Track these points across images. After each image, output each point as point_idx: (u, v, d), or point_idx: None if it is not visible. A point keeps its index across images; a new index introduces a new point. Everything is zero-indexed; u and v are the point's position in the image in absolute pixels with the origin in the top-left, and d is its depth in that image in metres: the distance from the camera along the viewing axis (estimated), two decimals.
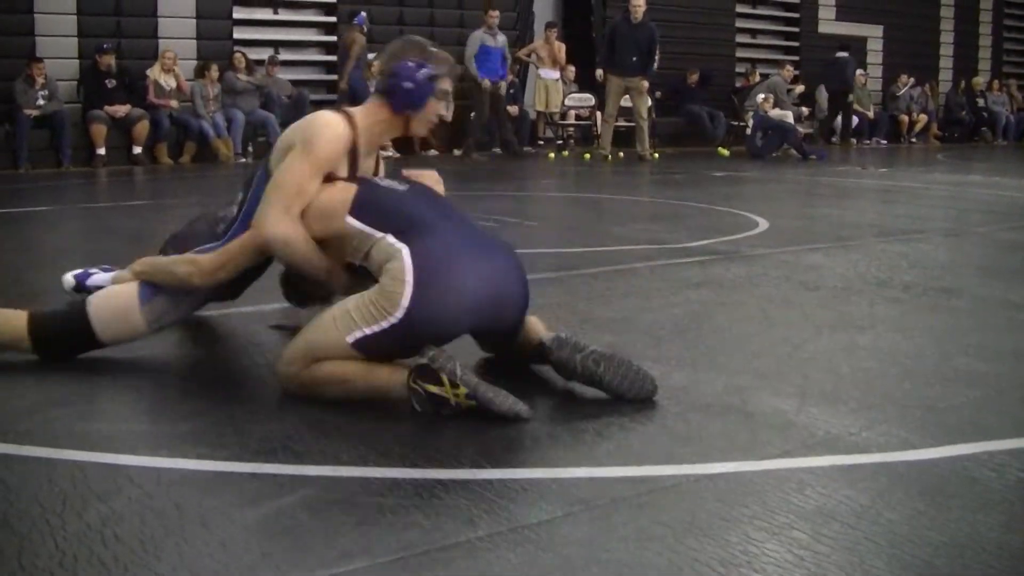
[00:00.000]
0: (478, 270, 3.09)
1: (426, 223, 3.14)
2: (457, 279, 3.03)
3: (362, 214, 3.18)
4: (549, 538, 2.18)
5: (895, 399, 3.21)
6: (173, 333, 3.87)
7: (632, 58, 13.87)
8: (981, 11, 23.57)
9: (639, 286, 5.06)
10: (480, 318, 3.13)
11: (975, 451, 2.74)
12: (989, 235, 7.19)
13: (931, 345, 3.96)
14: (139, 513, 2.28)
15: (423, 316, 2.98)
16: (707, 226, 7.47)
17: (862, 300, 4.73)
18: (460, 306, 3.04)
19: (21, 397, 3.15)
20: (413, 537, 2.17)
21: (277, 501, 2.35)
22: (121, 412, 3.10)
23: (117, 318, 3.44)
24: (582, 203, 9.76)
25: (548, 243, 6.65)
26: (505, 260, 3.23)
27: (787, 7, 20.48)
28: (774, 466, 2.63)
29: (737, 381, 3.37)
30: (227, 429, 2.86)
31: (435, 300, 2.99)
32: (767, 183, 11.61)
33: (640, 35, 13.87)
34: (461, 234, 3.19)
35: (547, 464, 2.63)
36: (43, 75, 12.17)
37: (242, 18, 14.53)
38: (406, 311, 2.96)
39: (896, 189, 10.88)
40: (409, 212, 3.19)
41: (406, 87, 3.35)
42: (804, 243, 6.57)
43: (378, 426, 2.90)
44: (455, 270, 3.04)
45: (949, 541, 2.19)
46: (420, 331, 3.00)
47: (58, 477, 2.50)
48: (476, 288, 3.06)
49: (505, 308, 3.19)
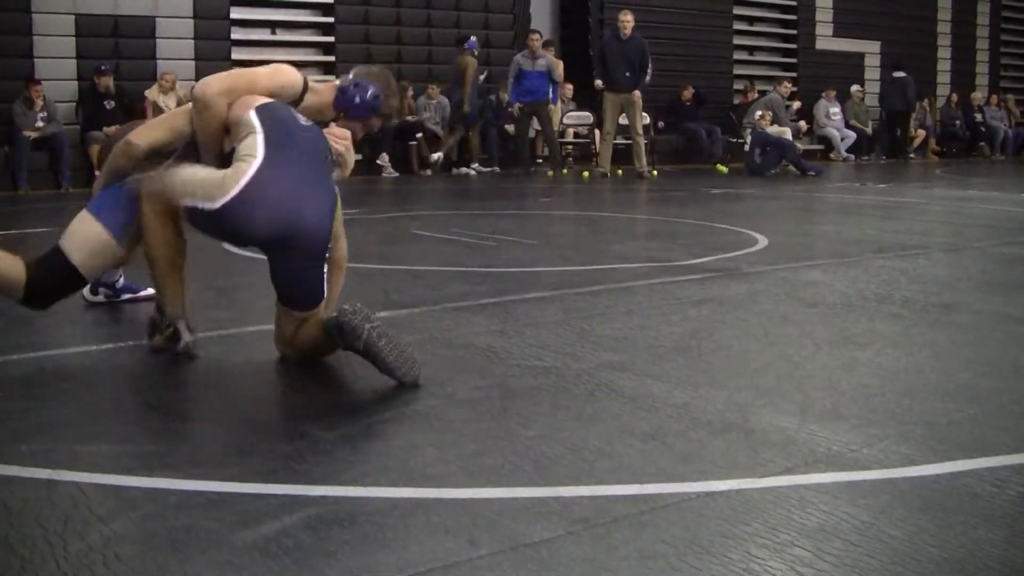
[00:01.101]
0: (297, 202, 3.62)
1: (285, 155, 3.66)
2: (275, 201, 3.57)
3: (261, 115, 3.73)
4: (551, 557, 2.18)
5: (896, 415, 3.21)
6: (171, 352, 3.88)
7: (625, 73, 13.99)
8: (978, 26, 23.66)
9: (639, 304, 5.06)
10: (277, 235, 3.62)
11: (976, 467, 2.74)
12: (988, 250, 7.19)
13: (931, 361, 3.96)
14: (140, 534, 2.28)
15: (237, 212, 3.55)
16: (706, 243, 7.48)
17: (862, 316, 4.73)
18: (267, 218, 3.57)
19: (22, 419, 3.15)
20: (414, 556, 2.17)
21: (278, 521, 2.35)
22: (122, 434, 3.10)
23: (95, 254, 3.89)
24: (581, 221, 9.77)
25: (547, 261, 6.66)
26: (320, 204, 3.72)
27: (784, 24, 20.55)
28: (775, 483, 2.63)
29: (738, 398, 3.37)
30: (228, 450, 2.86)
31: (249, 208, 3.55)
32: (766, 200, 11.63)
33: (630, 50, 13.98)
34: (301, 173, 3.69)
35: (548, 483, 2.63)
36: (41, 97, 12.22)
37: (240, 39, 14.58)
38: (224, 204, 3.53)
39: (895, 205, 10.90)
40: (287, 140, 3.70)
41: (355, 100, 4.03)
42: (803, 260, 6.57)
43: (378, 445, 2.91)
44: (277, 199, 3.58)
45: (951, 557, 2.19)
46: (225, 227, 3.65)
47: (59, 498, 2.49)
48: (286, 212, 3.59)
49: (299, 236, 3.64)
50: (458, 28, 16.37)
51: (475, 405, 3.32)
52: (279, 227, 3.60)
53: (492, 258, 6.73)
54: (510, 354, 3.95)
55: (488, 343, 4.13)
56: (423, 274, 6.04)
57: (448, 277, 5.93)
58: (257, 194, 3.55)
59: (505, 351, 3.99)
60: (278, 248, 3.70)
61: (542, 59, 14.59)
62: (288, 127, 3.77)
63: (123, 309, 4.74)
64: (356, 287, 5.69)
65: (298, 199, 3.63)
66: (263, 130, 3.69)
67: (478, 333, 4.32)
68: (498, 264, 6.43)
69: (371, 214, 9.81)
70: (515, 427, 3.06)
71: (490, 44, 16.68)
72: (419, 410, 3.25)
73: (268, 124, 3.72)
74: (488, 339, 4.20)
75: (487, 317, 4.64)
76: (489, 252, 7.01)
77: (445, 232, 8.14)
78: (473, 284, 5.56)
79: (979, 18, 23.66)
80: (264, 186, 3.57)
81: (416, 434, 2.98)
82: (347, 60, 15.24)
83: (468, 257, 6.85)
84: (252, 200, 3.55)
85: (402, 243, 7.67)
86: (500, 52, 16.62)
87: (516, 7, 16.95)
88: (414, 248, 7.42)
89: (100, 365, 3.90)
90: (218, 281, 5.46)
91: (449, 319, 4.59)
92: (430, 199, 12.14)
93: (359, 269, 6.37)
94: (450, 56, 16.01)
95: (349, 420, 3.15)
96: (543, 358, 3.88)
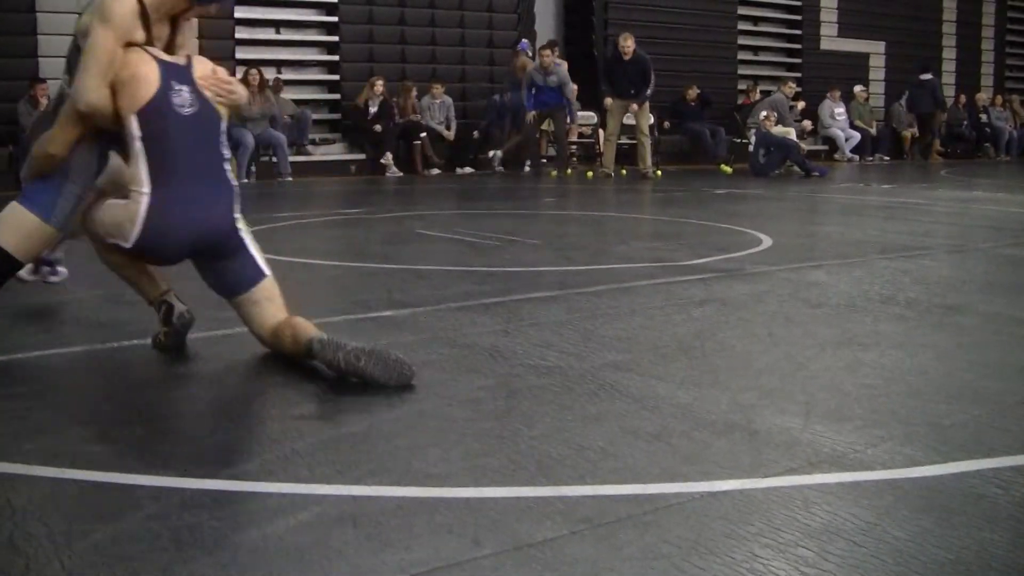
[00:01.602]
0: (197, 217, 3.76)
1: (176, 167, 3.73)
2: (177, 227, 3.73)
3: (143, 122, 3.71)
4: (554, 557, 2.18)
5: (900, 416, 3.20)
6: (178, 353, 3.89)
7: (630, 90, 14.31)
8: (983, 27, 23.66)
9: (642, 304, 5.06)
10: (194, 249, 3.83)
11: (981, 468, 2.74)
12: (993, 251, 7.18)
13: (935, 362, 3.96)
14: (144, 533, 2.28)
15: (148, 246, 3.76)
16: (710, 244, 7.48)
17: (866, 317, 4.73)
18: (176, 244, 3.78)
19: (27, 417, 3.15)
20: (417, 556, 2.17)
21: (282, 521, 2.35)
22: (127, 432, 3.10)
23: (27, 237, 3.93)
24: (585, 221, 9.77)
25: (551, 261, 6.66)
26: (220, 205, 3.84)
27: (789, 24, 20.55)
28: (779, 484, 2.62)
29: (742, 399, 3.37)
30: (232, 449, 2.87)
31: (157, 240, 3.74)
32: (770, 200, 11.62)
33: (632, 71, 14.28)
34: (197, 178, 3.78)
35: (551, 482, 2.62)
36: (46, 96, 12.20)
37: (244, 38, 14.59)
38: (135, 243, 3.73)
39: (899, 206, 10.89)
40: (173, 147, 3.73)
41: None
42: (807, 260, 6.57)
43: (382, 444, 2.91)
44: (179, 224, 3.73)
45: (955, 558, 2.19)
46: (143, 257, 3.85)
47: (64, 497, 2.50)
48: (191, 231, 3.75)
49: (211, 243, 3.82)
50: (462, 28, 16.40)
51: (478, 405, 3.32)
52: (191, 243, 3.79)
53: (496, 258, 6.73)
54: (514, 354, 3.95)
55: (492, 343, 4.13)
56: (427, 273, 6.05)
57: (452, 277, 5.94)
58: (158, 227, 3.71)
59: (509, 351, 4.00)
60: (200, 255, 3.88)
61: (553, 76, 14.68)
62: (168, 127, 3.74)
63: (127, 308, 4.73)
64: (360, 286, 5.71)
65: (199, 211, 3.76)
66: (144, 147, 3.71)
67: (482, 333, 4.32)
68: (502, 264, 6.43)
69: (375, 213, 9.81)
70: (519, 427, 3.06)
71: (494, 44, 16.71)
72: (422, 410, 3.25)
73: (148, 137, 3.71)
74: (492, 339, 4.20)
75: (491, 317, 4.64)
76: (493, 252, 7.01)
77: (449, 232, 8.14)
78: (477, 284, 5.56)
79: (984, 19, 23.67)
80: (162, 216, 3.70)
81: (419, 434, 2.98)
82: (351, 60, 15.31)
83: (472, 257, 6.85)
84: (155, 234, 3.72)
85: (406, 242, 7.67)
86: (504, 52, 16.63)
87: (520, 7, 16.97)
88: (418, 248, 7.42)
89: (105, 364, 3.91)
90: None
91: (452, 319, 4.59)
92: (434, 199, 12.15)
93: (363, 268, 6.38)
94: (454, 56, 16.05)
95: (352, 419, 3.15)
96: (547, 358, 3.88)
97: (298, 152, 14.60)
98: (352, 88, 15.06)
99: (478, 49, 16.56)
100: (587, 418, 3.17)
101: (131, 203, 3.72)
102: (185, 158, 3.76)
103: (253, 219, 9.22)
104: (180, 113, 3.76)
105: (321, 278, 6.11)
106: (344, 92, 15.27)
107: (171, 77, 3.78)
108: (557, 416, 3.20)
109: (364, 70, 15.09)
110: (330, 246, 7.70)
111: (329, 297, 5.46)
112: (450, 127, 15.39)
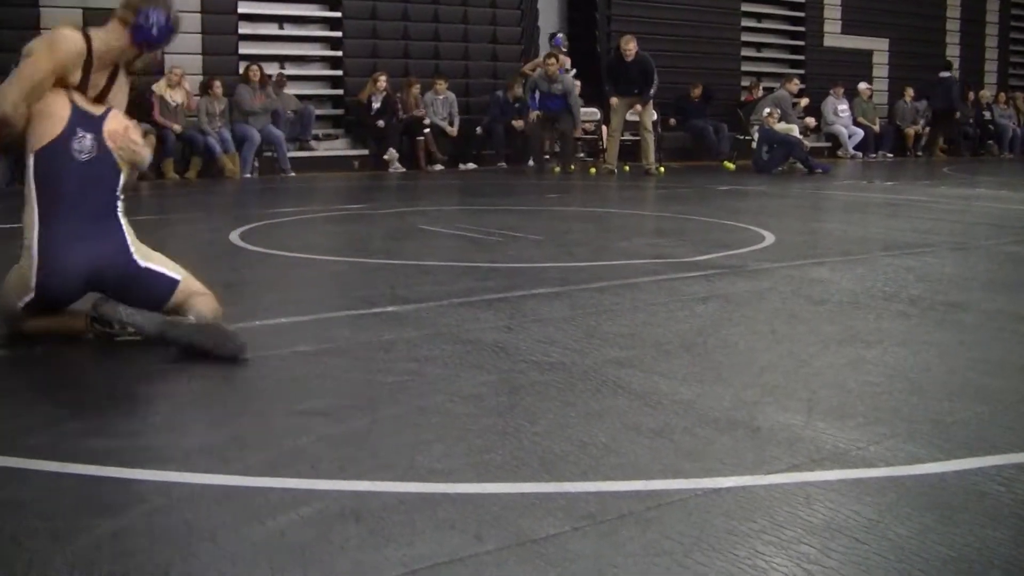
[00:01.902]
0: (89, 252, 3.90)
1: (63, 207, 3.89)
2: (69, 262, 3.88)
3: (39, 161, 3.90)
4: (557, 553, 2.18)
5: (902, 413, 3.20)
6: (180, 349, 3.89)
7: (634, 90, 14.37)
8: (987, 24, 23.61)
9: (645, 301, 5.06)
10: (91, 284, 3.98)
11: (983, 465, 2.74)
12: (996, 248, 7.18)
13: (938, 359, 3.96)
14: (148, 528, 2.28)
15: (46, 293, 3.91)
16: (713, 240, 7.48)
17: (869, 314, 4.72)
18: (74, 278, 3.92)
19: (30, 412, 3.16)
20: (420, 551, 2.17)
21: (285, 516, 2.35)
22: (129, 427, 3.11)
23: None
24: (588, 217, 9.77)
25: (554, 257, 6.66)
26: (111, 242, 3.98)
27: (793, 21, 20.52)
28: (782, 480, 2.63)
29: (744, 396, 3.37)
30: (234, 444, 2.87)
31: (53, 278, 3.88)
32: (773, 197, 11.61)
33: (634, 71, 14.32)
34: (85, 217, 3.93)
35: (554, 478, 2.63)
36: None
37: (248, 33, 14.59)
38: (35, 290, 3.88)
39: (902, 203, 10.88)
40: (63, 190, 3.90)
41: (153, 32, 4.05)
42: (810, 257, 6.57)
43: (385, 440, 2.91)
44: (69, 253, 3.88)
45: (958, 556, 2.19)
46: (48, 299, 3.94)
47: (67, 492, 2.50)
48: (84, 265, 3.90)
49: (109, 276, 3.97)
50: (465, 24, 16.39)
51: (481, 401, 3.32)
52: (86, 278, 3.95)
53: (499, 254, 6.73)
54: (517, 350, 3.95)
55: (495, 339, 4.13)
56: (430, 269, 6.05)
57: (455, 273, 5.94)
58: (51, 264, 3.87)
59: (512, 347, 4.00)
60: (103, 290, 4.03)
61: (558, 84, 14.69)
62: (61, 170, 3.91)
63: None
64: (363, 282, 5.71)
65: (89, 247, 3.91)
66: (36, 188, 3.89)
67: (485, 329, 4.32)
68: (505, 260, 6.43)
69: (378, 209, 9.81)
70: (521, 423, 3.06)
71: (497, 40, 16.69)
72: (425, 405, 3.25)
73: (41, 176, 3.90)
74: (495, 335, 4.20)
75: (494, 313, 4.64)
76: (496, 248, 7.01)
77: (452, 228, 8.14)
78: (480, 280, 5.56)
79: (988, 16, 23.61)
80: (54, 251, 3.88)
81: (422, 429, 2.98)
82: (355, 55, 15.30)
83: (475, 253, 6.85)
84: (50, 271, 3.88)
85: (409, 238, 7.67)
86: (507, 48, 16.63)
87: (523, 3, 16.95)
88: (421, 243, 7.42)
89: (107, 359, 3.91)
90: (224, 276, 5.46)
91: (456, 315, 4.59)
92: (436, 195, 12.14)
93: (366, 264, 6.38)
94: (457, 52, 16.05)
95: (355, 415, 3.15)
96: (550, 354, 3.89)
97: (301, 148, 14.59)
98: (355, 84, 15.05)
99: (481, 45, 16.54)
100: (590, 414, 3.17)
101: (25, 253, 3.89)
102: (73, 200, 3.92)
103: (256, 215, 9.25)
104: (77, 158, 3.94)
105: (324, 274, 6.11)
106: (347, 88, 15.26)
107: (79, 123, 3.96)
108: (560, 412, 3.20)
109: (367, 66, 15.08)
110: (333, 242, 7.70)
111: (332, 293, 5.46)
112: (453, 123, 15.38)
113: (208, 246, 7.21)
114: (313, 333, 4.27)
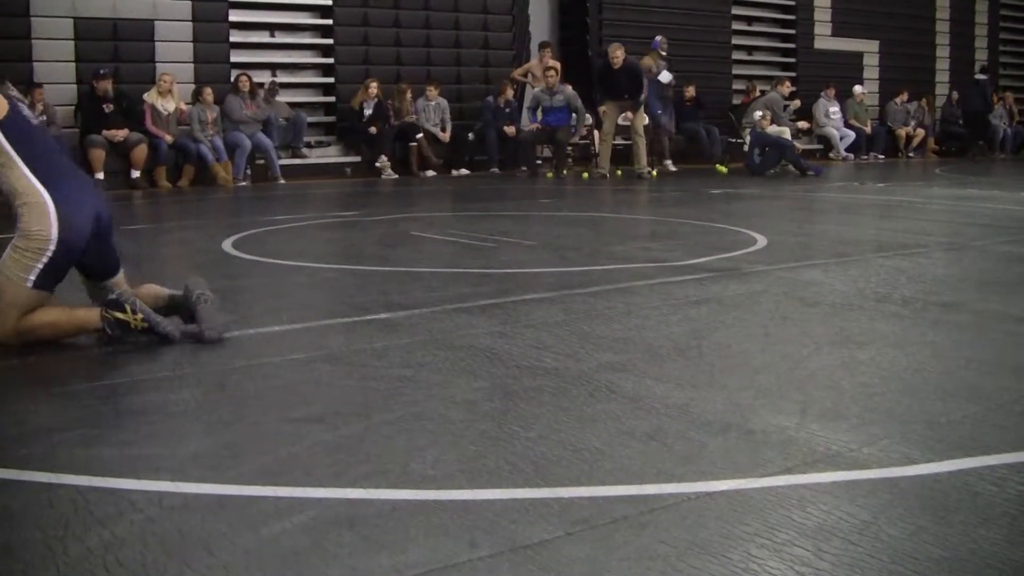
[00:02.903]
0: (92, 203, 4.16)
1: (52, 162, 4.08)
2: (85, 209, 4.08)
3: (9, 132, 3.99)
4: (551, 558, 2.18)
5: (896, 414, 3.21)
6: (172, 355, 3.88)
7: (624, 96, 14.42)
8: (977, 25, 23.68)
9: (639, 304, 5.06)
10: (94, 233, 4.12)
11: (976, 466, 2.74)
12: (988, 249, 7.19)
13: (931, 360, 3.96)
14: (141, 538, 2.28)
15: (64, 238, 3.99)
16: (706, 243, 7.48)
17: (862, 316, 4.73)
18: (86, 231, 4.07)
19: (22, 423, 3.15)
20: (414, 558, 2.17)
21: (278, 524, 2.35)
22: (122, 437, 3.10)
23: None
24: (581, 222, 9.77)
25: (547, 262, 6.66)
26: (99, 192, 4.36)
27: (783, 23, 20.56)
28: (775, 483, 2.63)
29: (737, 398, 3.37)
30: (227, 453, 2.86)
31: (75, 227, 4.03)
32: (765, 200, 11.63)
33: (623, 77, 14.38)
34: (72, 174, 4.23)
35: (548, 483, 2.63)
36: (41, 100, 12.21)
37: (239, 41, 14.59)
38: (58, 241, 3.97)
39: (894, 204, 10.90)
40: (43, 146, 4.11)
41: None
42: (803, 259, 6.58)
43: (378, 447, 2.91)
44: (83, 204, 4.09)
45: (951, 556, 2.19)
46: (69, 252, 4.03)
47: (59, 502, 2.49)
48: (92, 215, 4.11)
49: (105, 224, 4.20)
50: (457, 30, 16.40)
51: (475, 406, 3.32)
52: (93, 229, 4.12)
53: (492, 259, 6.73)
54: (510, 355, 3.95)
55: (488, 344, 4.13)
56: (423, 275, 6.04)
57: (448, 278, 5.94)
58: (69, 223, 4.01)
59: (505, 352, 4.00)
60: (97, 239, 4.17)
61: (559, 95, 14.72)
62: (30, 129, 4.12)
63: None
64: (356, 289, 5.71)
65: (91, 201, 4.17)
66: (16, 152, 4.00)
67: (478, 334, 4.32)
68: (498, 265, 6.44)
69: (371, 216, 9.81)
70: (515, 428, 3.06)
71: (489, 46, 16.70)
72: (419, 412, 3.25)
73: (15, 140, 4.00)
74: (488, 340, 4.20)
75: (487, 318, 4.64)
76: (489, 253, 7.01)
77: (445, 234, 8.15)
78: (473, 285, 5.56)
79: (978, 17, 23.68)
80: (69, 212, 4.02)
81: (416, 435, 2.98)
82: (346, 62, 15.30)
83: (468, 258, 6.85)
84: (68, 227, 4.01)
85: (402, 245, 7.67)
86: (499, 54, 16.65)
87: (515, 8, 16.96)
88: (414, 250, 7.42)
89: (99, 368, 3.91)
90: (218, 283, 5.45)
91: (449, 320, 4.59)
92: (429, 201, 12.15)
93: (359, 271, 6.38)
94: (449, 58, 16.05)
95: (349, 422, 3.15)
96: (543, 359, 3.89)
97: (293, 155, 14.60)
98: (347, 91, 15.06)
99: (473, 51, 16.55)
100: (583, 419, 3.17)
101: (32, 209, 3.98)
102: (56, 158, 4.16)
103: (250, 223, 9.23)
104: (31, 121, 4.20)
105: (317, 281, 6.11)
106: (339, 95, 15.26)
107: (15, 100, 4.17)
108: (553, 417, 3.20)
109: (359, 72, 15.09)
110: (326, 249, 7.70)
111: (325, 300, 5.46)
112: (445, 129, 15.39)
113: (201, 254, 7.21)
114: (306, 340, 4.27)
